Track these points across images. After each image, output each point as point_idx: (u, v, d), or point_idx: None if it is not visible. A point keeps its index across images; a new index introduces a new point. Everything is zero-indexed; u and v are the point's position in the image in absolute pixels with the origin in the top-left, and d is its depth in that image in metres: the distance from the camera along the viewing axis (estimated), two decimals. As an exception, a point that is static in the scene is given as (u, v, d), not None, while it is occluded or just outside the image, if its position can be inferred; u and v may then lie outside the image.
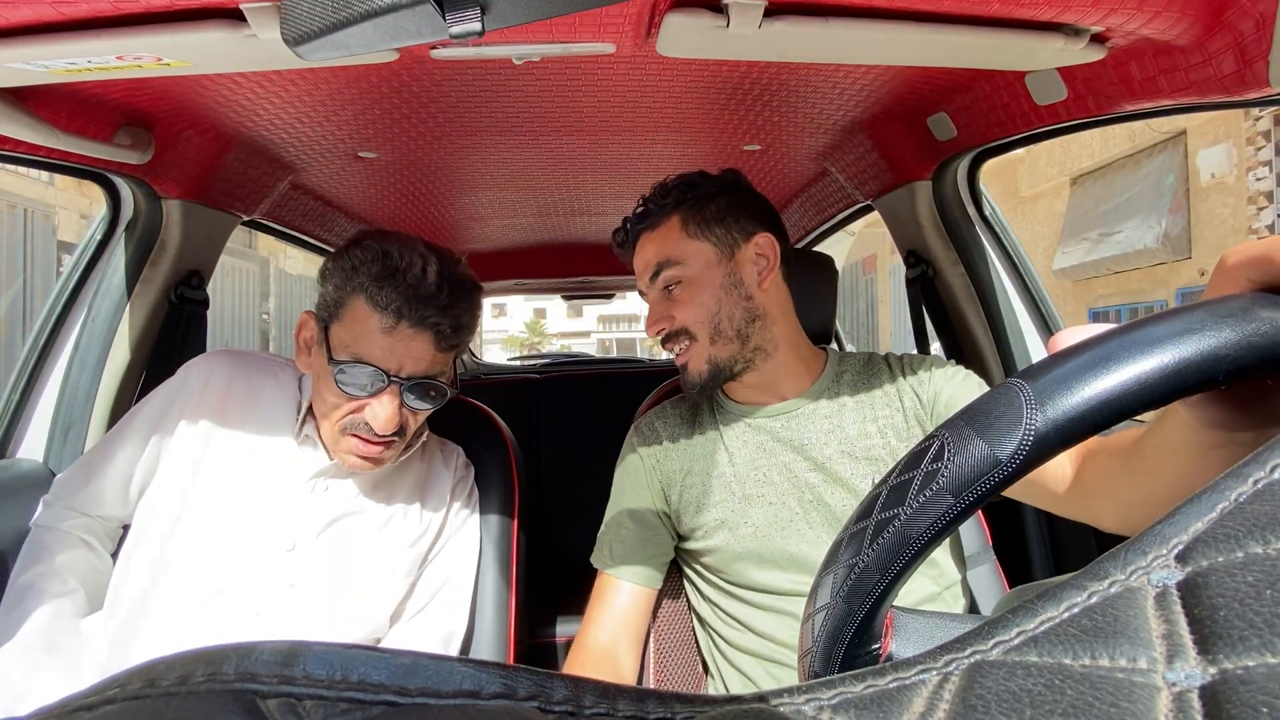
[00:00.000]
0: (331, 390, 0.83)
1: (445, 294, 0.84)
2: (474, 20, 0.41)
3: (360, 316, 0.82)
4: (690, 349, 0.93)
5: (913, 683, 0.19)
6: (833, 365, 0.98)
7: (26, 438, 1.15)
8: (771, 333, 0.94)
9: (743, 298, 0.92)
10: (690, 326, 0.92)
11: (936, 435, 0.31)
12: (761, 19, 0.72)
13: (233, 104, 1.00)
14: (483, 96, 1.02)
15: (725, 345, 0.92)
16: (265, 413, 0.90)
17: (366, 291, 0.82)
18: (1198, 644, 0.17)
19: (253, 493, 0.86)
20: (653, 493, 0.96)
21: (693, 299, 0.92)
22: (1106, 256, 7.45)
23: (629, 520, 0.96)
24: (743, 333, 0.92)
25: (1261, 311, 0.27)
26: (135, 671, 0.16)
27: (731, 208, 0.94)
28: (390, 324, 0.81)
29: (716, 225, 0.93)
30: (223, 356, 0.93)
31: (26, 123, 0.84)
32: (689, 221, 0.93)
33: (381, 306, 0.81)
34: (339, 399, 0.84)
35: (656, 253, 0.94)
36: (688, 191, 0.95)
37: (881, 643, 0.34)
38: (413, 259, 0.83)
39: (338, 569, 0.87)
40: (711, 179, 0.97)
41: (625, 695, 0.18)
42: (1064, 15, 0.71)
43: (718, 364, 0.92)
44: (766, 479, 0.91)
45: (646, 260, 0.95)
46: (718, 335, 0.91)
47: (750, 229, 0.94)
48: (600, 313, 35.01)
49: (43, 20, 0.65)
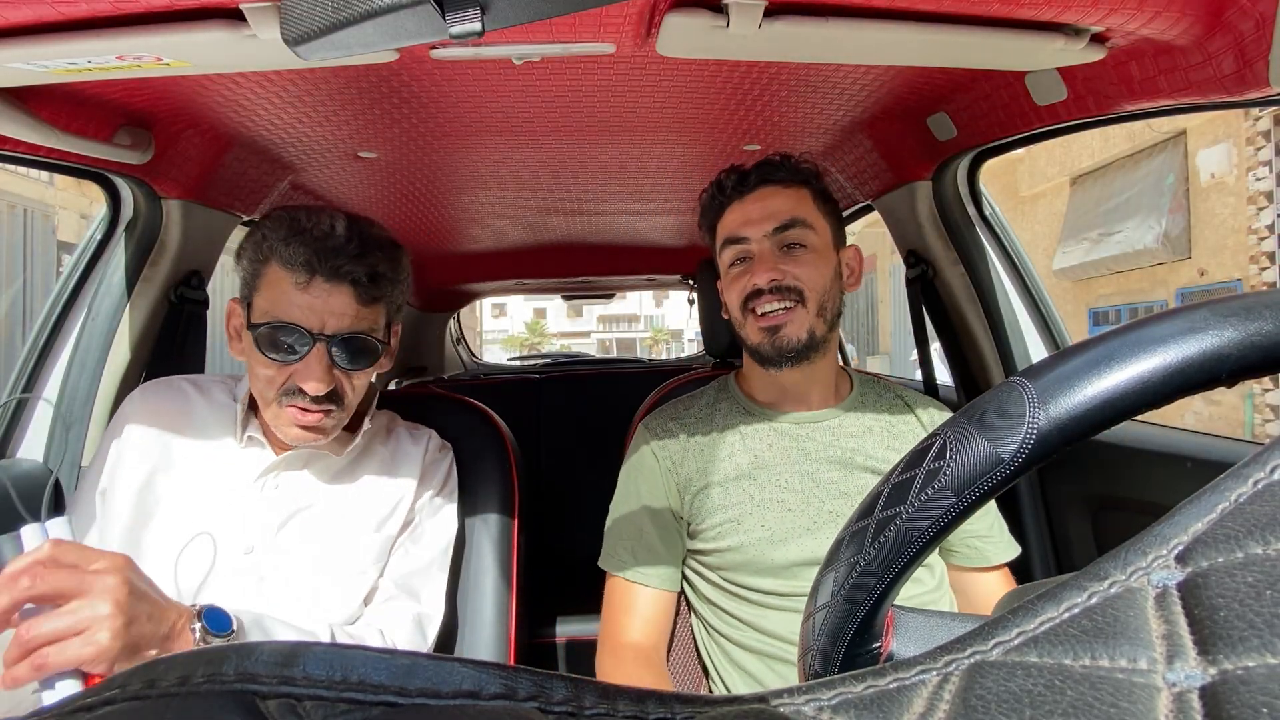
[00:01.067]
0: (260, 361, 0.82)
1: (355, 244, 0.83)
2: (474, 20, 0.41)
3: (274, 280, 0.82)
4: (795, 311, 0.91)
5: (913, 683, 0.19)
6: (859, 387, 1.00)
7: (26, 438, 1.15)
8: (833, 337, 0.96)
9: (840, 292, 0.96)
10: (806, 289, 0.91)
11: (939, 434, 0.31)
12: (761, 19, 0.72)
13: (233, 104, 1.00)
14: (483, 96, 1.02)
15: (822, 325, 0.92)
16: (201, 426, 0.89)
17: (277, 253, 0.81)
18: (1198, 644, 0.17)
19: (201, 504, 0.85)
20: (669, 494, 0.95)
21: (815, 265, 0.92)
22: (1106, 256, 7.44)
23: (649, 523, 0.95)
24: (832, 324, 0.94)
25: (1265, 310, 0.27)
26: (135, 672, 0.16)
27: (838, 211, 0.99)
28: (304, 279, 0.81)
29: (832, 217, 0.97)
30: (152, 386, 0.93)
31: (26, 123, 0.84)
32: (818, 200, 0.96)
33: (292, 264, 0.81)
34: (269, 368, 0.82)
35: (792, 208, 0.93)
36: (815, 175, 0.98)
37: (882, 642, 0.34)
38: (320, 218, 0.84)
39: (303, 564, 0.86)
40: None
41: (625, 695, 0.18)
42: (1064, 15, 0.71)
43: (814, 337, 0.91)
44: (787, 485, 0.90)
45: (775, 209, 0.93)
46: (822, 311, 0.92)
47: (843, 239, 0.99)
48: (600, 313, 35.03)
49: (43, 20, 0.65)
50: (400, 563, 0.93)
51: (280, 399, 0.83)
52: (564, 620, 1.57)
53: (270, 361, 0.82)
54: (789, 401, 0.96)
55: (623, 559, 0.94)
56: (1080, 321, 8.20)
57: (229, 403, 0.92)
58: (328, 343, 0.82)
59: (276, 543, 0.86)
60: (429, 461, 0.99)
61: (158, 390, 0.92)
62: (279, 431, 0.87)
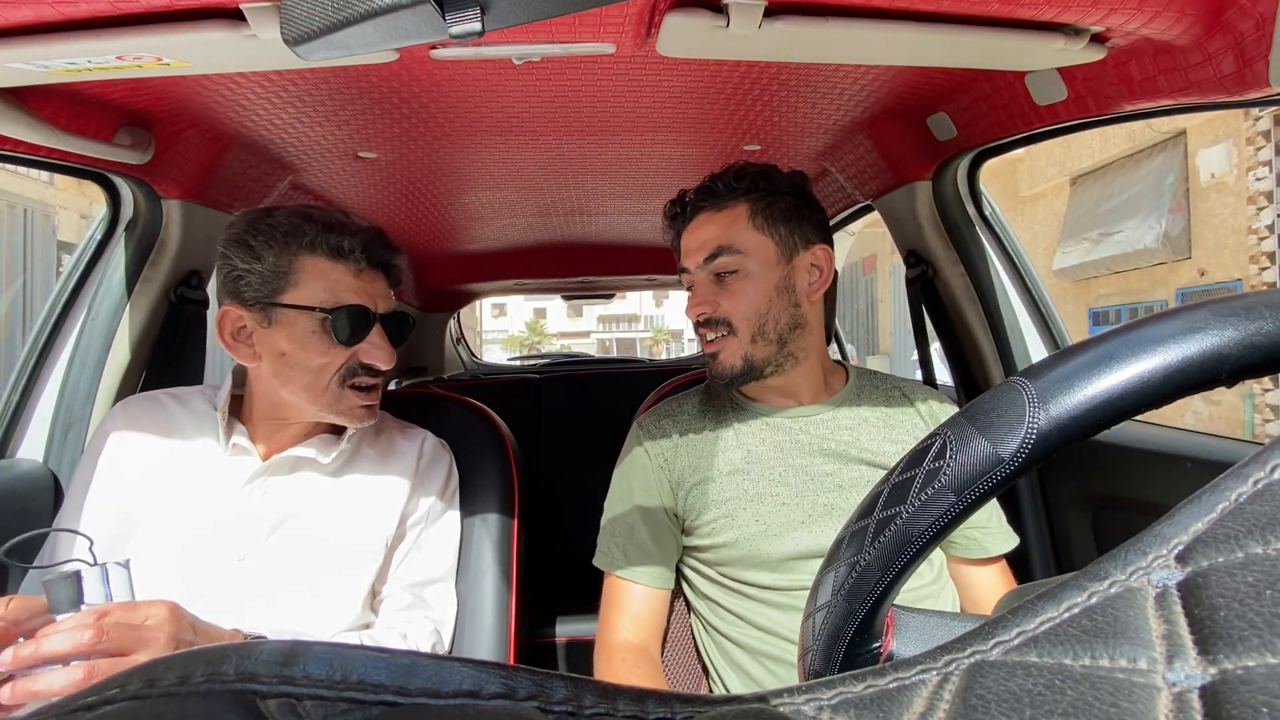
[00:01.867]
0: (319, 347, 0.84)
1: (381, 236, 0.90)
2: (474, 20, 0.41)
3: (322, 270, 0.85)
4: (726, 341, 0.91)
5: (913, 683, 0.19)
6: (854, 380, 0.99)
7: (26, 438, 1.15)
8: (806, 342, 0.94)
9: (790, 304, 0.92)
10: (734, 320, 0.91)
11: (939, 434, 0.31)
12: (761, 19, 0.72)
13: (233, 104, 1.00)
14: (483, 96, 1.02)
15: (764, 346, 0.91)
16: (183, 436, 0.89)
17: (321, 247, 0.85)
18: (1198, 644, 0.17)
19: (189, 514, 0.84)
20: (662, 492, 0.95)
21: (744, 292, 0.90)
22: (1106, 256, 7.44)
23: (640, 521, 0.95)
24: (783, 338, 0.91)
25: (1265, 310, 0.27)
26: (135, 671, 0.16)
27: (798, 210, 0.93)
28: (358, 268, 0.87)
29: (782, 224, 0.92)
30: (132, 401, 0.93)
31: (26, 123, 0.84)
32: (757, 213, 0.91)
33: (344, 254, 0.85)
34: (329, 353, 0.85)
35: (718, 235, 0.91)
36: (760, 182, 0.93)
37: (882, 641, 0.34)
38: (332, 213, 0.88)
39: (296, 569, 0.85)
40: (783, 176, 0.95)
41: (625, 695, 0.18)
42: (1064, 15, 0.71)
43: (752, 363, 0.91)
44: (782, 479, 0.91)
45: (704, 239, 0.92)
46: (759, 335, 0.91)
47: (810, 237, 0.94)
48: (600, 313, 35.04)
49: (43, 20, 0.65)
50: (412, 569, 0.93)
51: (341, 381, 0.86)
52: (564, 620, 1.57)
53: (333, 346, 0.85)
54: (780, 397, 0.96)
55: (615, 557, 0.95)
56: (1080, 321, 8.20)
57: (209, 411, 0.91)
58: (381, 321, 0.89)
59: (268, 549, 0.85)
60: (426, 462, 0.98)
61: (137, 404, 0.92)
62: (340, 418, 0.88)
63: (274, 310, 0.84)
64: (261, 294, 0.84)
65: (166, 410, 0.91)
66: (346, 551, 0.89)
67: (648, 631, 0.92)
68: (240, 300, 0.85)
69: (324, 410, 0.87)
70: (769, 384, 0.96)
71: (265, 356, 0.85)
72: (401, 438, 0.99)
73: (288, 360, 0.85)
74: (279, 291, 0.84)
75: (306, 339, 0.84)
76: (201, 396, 0.94)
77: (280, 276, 0.84)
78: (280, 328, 0.84)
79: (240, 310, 0.85)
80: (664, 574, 0.94)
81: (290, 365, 0.85)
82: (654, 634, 0.93)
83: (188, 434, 0.89)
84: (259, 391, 0.89)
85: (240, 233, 0.85)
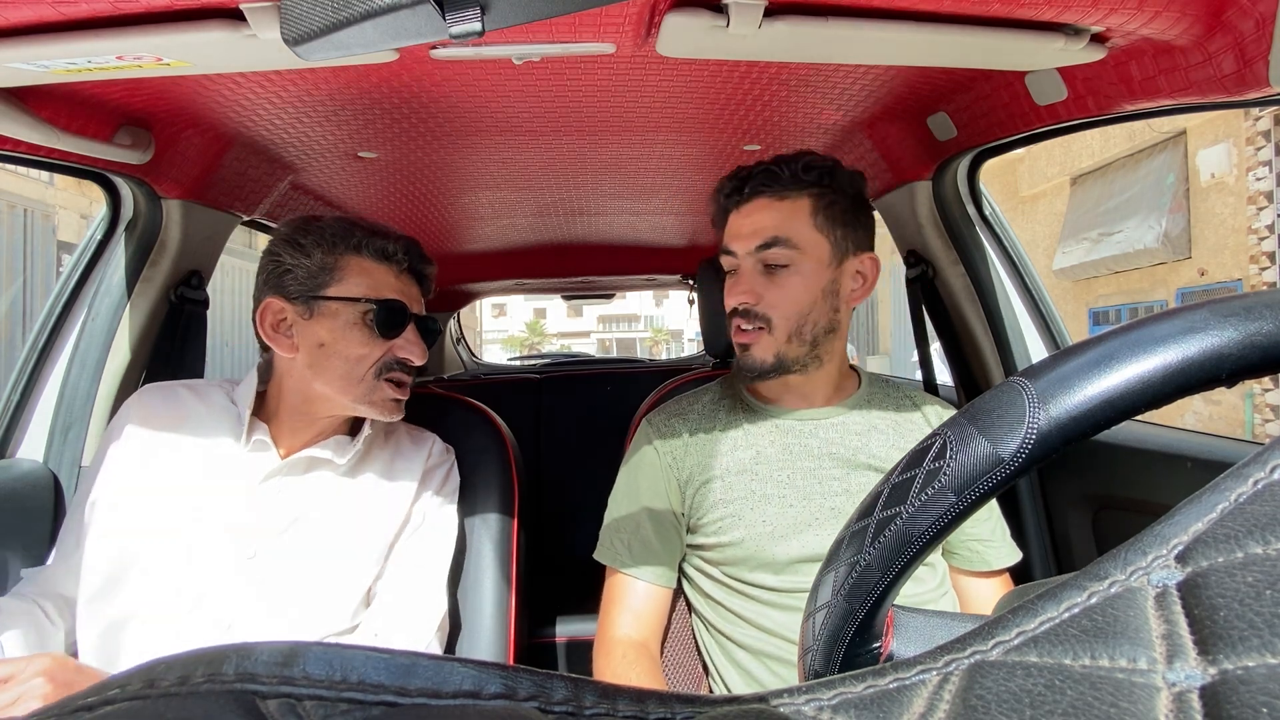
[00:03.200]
0: (359, 339, 0.88)
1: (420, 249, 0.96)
2: (474, 20, 0.41)
3: (367, 269, 0.90)
4: (760, 335, 0.90)
5: (913, 683, 0.19)
6: (866, 385, 0.99)
7: (26, 438, 1.15)
8: (834, 346, 0.94)
9: (831, 308, 0.90)
10: (775, 316, 0.89)
11: (939, 434, 0.31)
12: (761, 19, 0.72)
13: (233, 104, 1.00)
14: (483, 96, 1.02)
15: (798, 347, 0.90)
16: (200, 430, 0.89)
17: (367, 249, 0.90)
18: (1198, 644, 0.17)
19: (203, 509, 0.85)
20: (670, 490, 0.95)
21: (793, 289, 0.89)
22: (1106, 256, 7.44)
23: (647, 519, 0.95)
24: (817, 340, 0.91)
25: (1265, 310, 0.27)
26: (135, 672, 0.16)
27: (855, 214, 0.92)
28: (399, 269, 0.93)
29: (840, 225, 0.90)
30: (149, 390, 0.93)
31: (26, 123, 0.84)
32: (819, 210, 0.89)
33: (389, 256, 0.91)
34: (368, 345, 0.88)
35: (777, 225, 0.88)
36: (827, 177, 0.90)
37: (882, 641, 0.34)
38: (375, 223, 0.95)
39: (306, 569, 0.85)
40: (847, 176, 0.93)
41: (625, 695, 0.18)
42: (1064, 15, 0.71)
43: (783, 361, 0.90)
44: (789, 481, 0.90)
45: (760, 225, 0.89)
46: (796, 335, 0.89)
47: (862, 243, 0.93)
48: (600, 313, 35.04)
49: (43, 20, 0.65)
50: (403, 569, 0.93)
51: (379, 373, 0.89)
52: (564, 620, 1.57)
53: (372, 338, 0.88)
54: (792, 399, 0.96)
55: (619, 553, 0.94)
56: (1080, 321, 8.20)
57: (228, 405, 0.91)
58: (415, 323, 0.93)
59: (279, 548, 0.85)
60: (432, 465, 0.99)
61: (155, 395, 0.92)
62: (371, 409, 0.90)
63: (317, 303, 0.87)
64: (306, 287, 0.88)
65: (185, 402, 0.91)
66: (352, 553, 0.89)
67: (649, 629, 0.92)
68: (284, 293, 0.88)
69: (356, 401, 0.89)
70: (788, 383, 0.95)
71: (303, 347, 0.88)
72: (410, 441, 1.01)
73: (326, 350, 0.88)
74: (323, 285, 0.88)
75: (347, 330, 0.88)
76: (220, 390, 0.94)
77: (326, 272, 0.88)
78: (322, 319, 0.88)
79: (283, 303, 0.88)
80: (667, 573, 0.94)
81: (328, 355, 0.88)
82: (655, 632, 0.93)
83: (207, 427, 0.89)
84: (288, 385, 0.91)
85: (290, 233, 0.90)
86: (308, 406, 0.90)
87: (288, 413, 0.91)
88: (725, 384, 1.04)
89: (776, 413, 0.95)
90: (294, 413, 0.90)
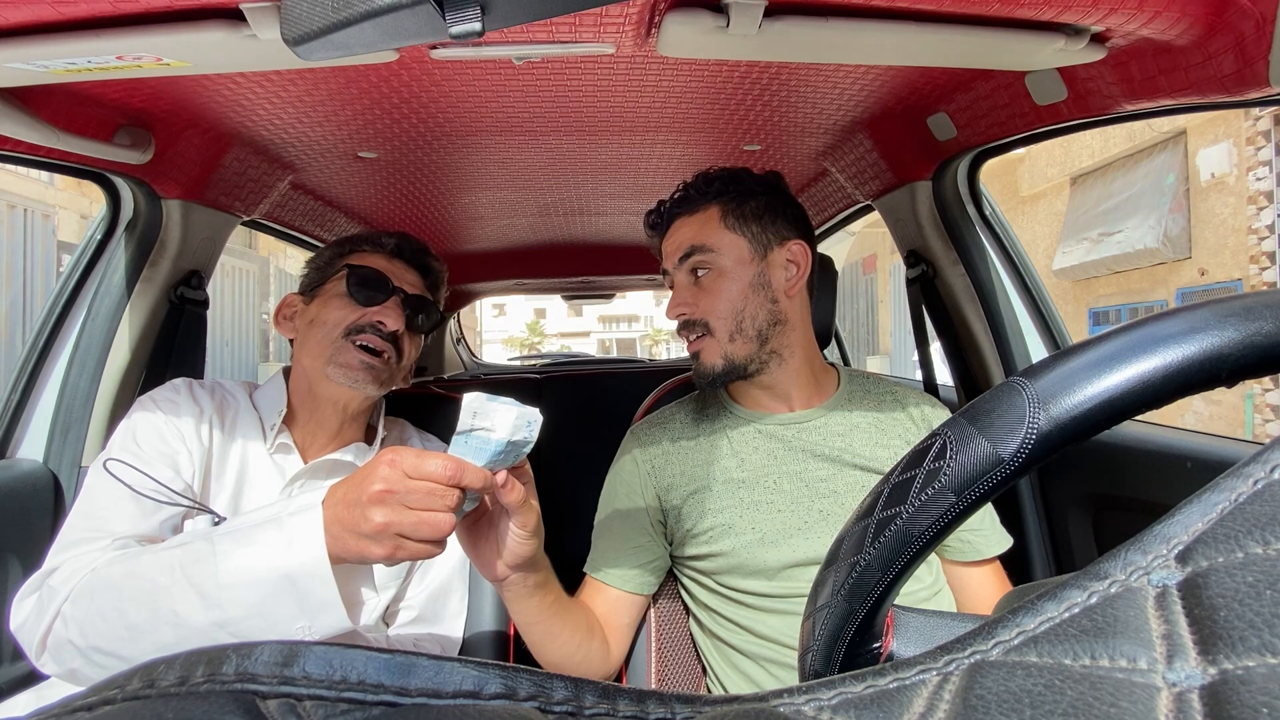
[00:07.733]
0: (339, 305, 0.91)
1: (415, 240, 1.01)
2: (474, 20, 0.41)
3: (364, 256, 0.96)
4: (704, 342, 0.93)
5: (913, 683, 0.19)
6: (845, 383, 0.99)
7: (27, 438, 1.15)
8: (789, 339, 0.94)
9: (768, 300, 0.93)
10: (710, 320, 0.92)
11: (939, 434, 0.31)
12: (761, 19, 0.72)
13: (233, 104, 1.00)
14: (483, 96, 1.02)
15: (743, 344, 0.92)
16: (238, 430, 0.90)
17: (366, 244, 0.97)
18: (1198, 644, 0.17)
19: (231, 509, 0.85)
20: (646, 500, 0.96)
21: (720, 290, 0.92)
22: (1106, 256, 7.44)
23: (617, 524, 0.96)
24: (763, 334, 0.92)
25: (1265, 310, 0.27)
26: (135, 672, 0.16)
27: (770, 208, 0.95)
28: (391, 254, 0.98)
29: (754, 222, 0.94)
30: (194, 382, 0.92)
31: (26, 123, 0.84)
32: (728, 213, 0.94)
33: (382, 246, 0.98)
34: (345, 310, 0.91)
35: (691, 236, 0.94)
36: (730, 184, 0.95)
37: (882, 641, 0.34)
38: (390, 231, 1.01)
39: None
40: (754, 177, 0.97)
41: (625, 695, 0.18)
42: (1064, 15, 0.71)
43: (733, 362, 0.92)
44: (777, 486, 0.90)
45: (679, 242, 0.95)
46: (737, 333, 0.92)
47: (785, 233, 0.95)
48: (600, 313, 35.05)
49: (43, 20, 0.65)
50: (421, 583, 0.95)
51: (348, 336, 0.90)
52: None
53: (350, 304, 0.91)
54: (772, 403, 0.96)
55: (592, 559, 0.96)
56: (1080, 321, 8.20)
57: (252, 409, 0.93)
58: (403, 298, 0.95)
59: None
60: None
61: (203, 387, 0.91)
62: (338, 371, 0.89)
63: (317, 290, 0.95)
64: (313, 281, 0.97)
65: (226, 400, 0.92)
66: None
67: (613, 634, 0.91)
68: (299, 292, 0.99)
69: (326, 365, 0.90)
70: (758, 386, 0.96)
71: (301, 327, 0.94)
72: (417, 440, 1.03)
73: (314, 324, 0.92)
74: (326, 279, 0.95)
75: (330, 300, 0.93)
76: (244, 391, 0.95)
77: (330, 266, 0.96)
78: (317, 301, 0.94)
79: (296, 298, 0.99)
80: (634, 577, 0.93)
81: (314, 327, 0.92)
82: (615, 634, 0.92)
83: (242, 428, 0.90)
84: (296, 376, 0.94)
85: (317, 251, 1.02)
86: (312, 393, 0.92)
87: (305, 414, 0.92)
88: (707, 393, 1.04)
89: (758, 418, 0.95)
90: (307, 411, 0.92)
